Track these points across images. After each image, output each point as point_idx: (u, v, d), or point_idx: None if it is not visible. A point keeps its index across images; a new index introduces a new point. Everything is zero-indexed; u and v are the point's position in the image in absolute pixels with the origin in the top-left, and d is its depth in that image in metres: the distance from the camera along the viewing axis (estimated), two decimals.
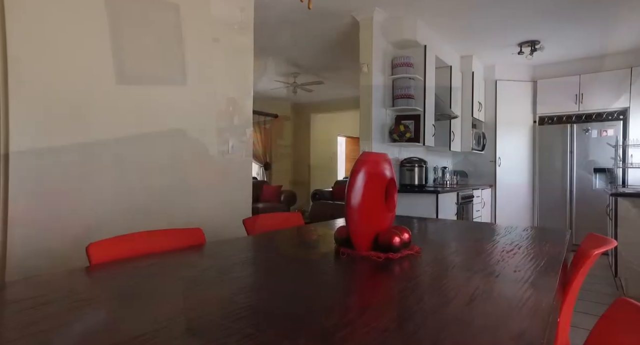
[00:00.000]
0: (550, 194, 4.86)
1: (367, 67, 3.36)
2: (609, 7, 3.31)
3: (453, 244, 1.46)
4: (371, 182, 1.32)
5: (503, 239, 1.52)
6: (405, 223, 1.93)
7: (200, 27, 2.39)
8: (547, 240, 1.54)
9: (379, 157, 1.40)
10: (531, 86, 5.03)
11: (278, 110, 7.62)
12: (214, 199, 2.54)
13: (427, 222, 2.00)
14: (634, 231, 3.02)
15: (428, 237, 1.56)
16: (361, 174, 1.31)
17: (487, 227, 1.89)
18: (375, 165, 1.36)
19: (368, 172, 1.33)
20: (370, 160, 1.35)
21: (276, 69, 5.36)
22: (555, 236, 1.61)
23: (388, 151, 3.65)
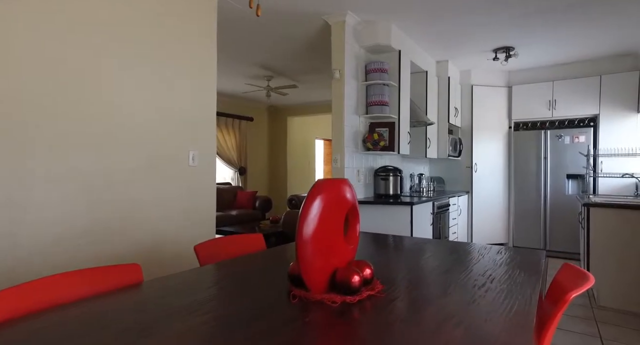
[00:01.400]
0: (526, 199, 4.86)
1: (339, 73, 3.21)
2: (580, 16, 3.29)
3: (420, 275, 1.32)
4: (328, 213, 1.17)
5: (476, 268, 1.40)
6: (372, 246, 1.79)
7: (160, 33, 2.19)
8: (521, 267, 1.42)
9: (337, 184, 1.24)
10: (506, 92, 5.02)
11: (254, 113, 7.41)
12: (173, 214, 2.34)
13: (396, 244, 1.87)
14: (606, 242, 2.99)
15: (393, 268, 1.42)
16: (316, 203, 1.15)
17: (460, 249, 1.77)
18: (333, 193, 1.21)
19: (324, 201, 1.17)
20: (327, 188, 1.19)
21: (249, 72, 5.16)
22: (529, 263, 1.50)
23: (362, 160, 3.53)
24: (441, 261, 1.51)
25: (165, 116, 2.30)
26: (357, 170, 3.42)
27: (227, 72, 5.14)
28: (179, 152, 2.40)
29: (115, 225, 2.03)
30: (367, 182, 3.59)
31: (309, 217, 1.14)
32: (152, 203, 2.22)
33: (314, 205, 1.15)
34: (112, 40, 2.01)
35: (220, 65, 4.80)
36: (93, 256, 1.93)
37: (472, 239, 4.88)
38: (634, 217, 2.89)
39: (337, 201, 1.21)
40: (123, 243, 2.06)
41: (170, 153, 2.33)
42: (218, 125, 6.58)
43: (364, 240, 1.97)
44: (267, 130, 7.80)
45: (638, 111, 4.29)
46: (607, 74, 4.45)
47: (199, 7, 2.49)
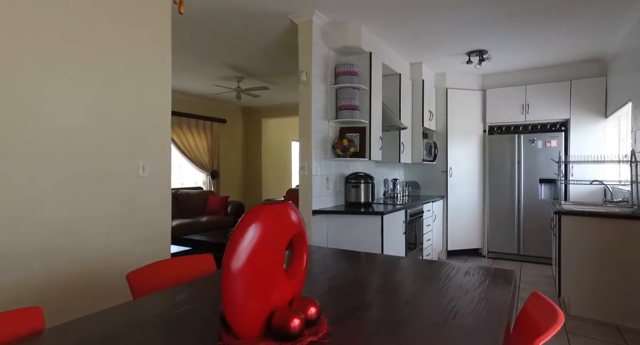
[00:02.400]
0: (500, 204, 4.82)
1: (305, 75, 3.04)
2: (550, 20, 3.24)
3: (377, 310, 1.16)
4: (264, 244, 1.00)
5: (440, 297, 1.26)
6: (329, 269, 1.63)
7: (102, 27, 1.95)
8: (489, 296, 1.29)
9: (277, 209, 1.07)
10: (481, 95, 4.98)
11: (227, 115, 7.16)
12: (117, 231, 2.12)
13: (357, 265, 1.71)
14: (577, 250, 2.94)
15: (347, 301, 1.26)
16: (249, 233, 0.98)
17: (427, 271, 1.63)
18: (271, 220, 1.03)
19: (260, 230, 1.00)
20: (264, 215, 1.01)
21: (218, 73, 4.92)
22: (498, 289, 1.37)
23: (332, 166, 3.37)
24: (404, 289, 1.36)
25: (108, 122, 2.07)
26: (327, 177, 3.26)
27: (197, 73, 4.90)
28: (126, 161, 2.18)
29: (40, 248, 1.79)
30: (337, 190, 3.44)
31: (239, 250, 0.96)
32: (92, 221, 1.99)
33: (246, 236, 0.98)
34: (40, 32, 1.78)
35: (188, 65, 4.55)
36: (6, 288, 1.69)
37: (447, 245, 4.80)
38: (604, 225, 2.85)
39: (277, 230, 1.04)
40: (47, 270, 1.82)
41: (114, 163, 2.11)
42: (188, 127, 6.31)
43: (322, 260, 1.81)
44: (241, 132, 7.56)
45: (606, 116, 4.31)
46: (576, 79, 4.46)
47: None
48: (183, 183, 6.37)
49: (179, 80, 5.25)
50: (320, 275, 1.57)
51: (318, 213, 3.07)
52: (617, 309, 2.79)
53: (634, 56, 3.24)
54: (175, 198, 5.67)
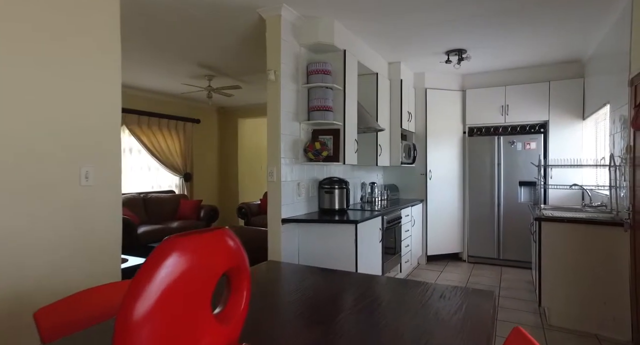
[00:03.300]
0: (480, 207, 4.73)
1: (274, 74, 2.83)
2: (528, 22, 3.13)
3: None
4: (183, 283, 0.79)
5: (409, 332, 1.07)
6: (292, 290, 1.42)
7: (35, 19, 1.69)
8: (464, 328, 1.11)
9: (203, 240, 0.86)
10: (460, 96, 4.87)
11: (201, 115, 6.86)
12: (56, 248, 1.86)
13: (321, 288, 1.52)
14: (557, 258, 2.83)
15: (303, 335, 1.07)
16: (161, 272, 0.76)
17: (401, 295, 1.45)
18: (195, 252, 0.82)
19: (178, 266, 0.79)
20: (183, 248, 0.80)
21: (188, 72, 4.65)
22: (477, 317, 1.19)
23: (304, 171, 3.17)
24: (368, 321, 1.17)
25: (44, 125, 1.81)
26: (298, 183, 3.06)
27: (164, 70, 4.61)
28: (65, 169, 1.92)
29: None
30: (310, 196, 3.24)
31: (145, 294, 0.74)
32: (23, 237, 1.73)
33: (156, 276, 0.76)
34: None
35: (154, 62, 4.26)
36: None
37: (427, 250, 4.67)
38: (585, 232, 2.74)
39: (202, 265, 0.83)
40: None
41: (51, 170, 1.85)
42: (159, 127, 5.99)
43: (286, 280, 1.61)
44: (217, 133, 7.27)
45: (583, 118, 4.26)
46: (555, 80, 4.40)
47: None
48: (154, 186, 6.05)
49: (145, 77, 4.95)
50: (282, 298, 1.36)
51: (288, 222, 2.86)
52: (596, 318, 2.69)
53: (611, 58, 3.16)
54: (144, 202, 5.36)
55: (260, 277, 1.66)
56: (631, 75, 2.59)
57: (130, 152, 5.62)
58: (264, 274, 1.71)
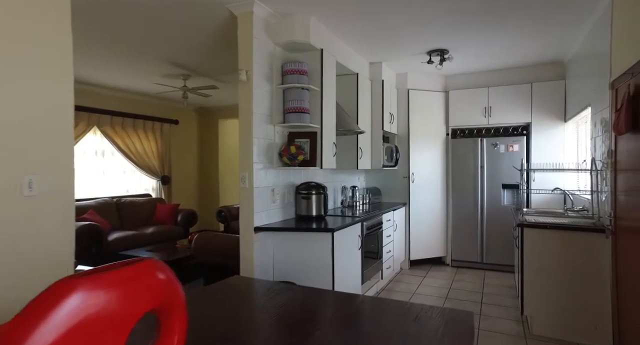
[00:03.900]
0: (463, 210, 4.66)
1: (245, 74, 2.68)
2: (509, 22, 3.07)
3: None
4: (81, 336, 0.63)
5: None
6: (252, 316, 1.27)
7: None
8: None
9: (114, 279, 0.70)
10: (443, 97, 4.79)
11: (180, 116, 6.64)
12: None
13: (281, 315, 1.37)
14: (540, 265, 2.75)
15: None
16: (48, 325, 0.61)
17: (372, 320, 1.32)
18: (98, 296, 0.67)
19: (74, 315, 0.63)
20: (79, 293, 0.65)
21: (162, 71, 4.44)
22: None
23: (280, 176, 3.02)
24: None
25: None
26: (272, 189, 2.91)
27: (138, 70, 4.39)
28: (5, 177, 1.73)
29: None
30: (286, 202, 3.09)
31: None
32: None
33: (45, 326, 0.61)
34: None
35: (126, 61, 4.05)
36: None
37: (409, 255, 4.58)
38: (567, 238, 2.67)
39: (111, 311, 0.68)
40: None
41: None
42: (134, 128, 5.75)
43: (248, 300, 1.45)
44: (196, 134, 7.05)
45: (565, 120, 4.22)
46: (537, 81, 4.35)
47: None
48: (129, 190, 5.81)
49: (118, 77, 4.72)
50: (242, 324, 1.21)
51: (261, 230, 2.71)
52: (578, 327, 2.63)
53: (591, 60, 3.11)
54: (118, 207, 5.13)
55: (223, 297, 1.51)
56: (612, 79, 2.52)
57: (102, 154, 5.38)
58: (228, 293, 1.56)
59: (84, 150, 5.12)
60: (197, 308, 1.37)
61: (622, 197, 2.33)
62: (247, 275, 2.67)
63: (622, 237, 2.32)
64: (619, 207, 2.37)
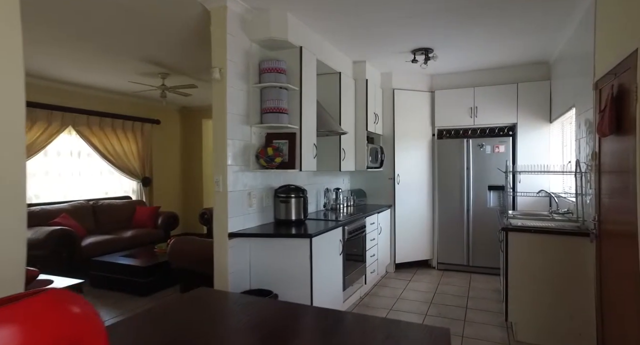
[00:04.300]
0: (449, 212, 4.59)
1: (219, 72, 2.55)
2: (494, 22, 2.99)
3: None
4: None
5: None
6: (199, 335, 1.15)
7: None
8: None
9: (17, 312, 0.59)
10: (429, 97, 4.71)
11: (161, 115, 6.46)
12: None
13: (236, 339, 1.26)
14: (525, 270, 2.68)
15: None
16: None
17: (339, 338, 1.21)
18: None
19: None
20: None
21: (140, 69, 4.28)
22: None
23: (257, 179, 2.90)
24: None
25: None
26: (249, 192, 2.79)
27: (113, 68, 4.22)
28: None
29: None
30: (264, 206, 2.97)
31: None
32: None
33: None
34: None
35: (100, 59, 3.88)
36: None
37: (395, 258, 4.49)
38: (552, 242, 2.61)
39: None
40: None
41: None
42: (113, 129, 5.56)
43: (203, 318, 1.33)
44: (179, 135, 6.88)
45: (550, 121, 4.18)
46: (523, 82, 4.30)
47: None
48: (108, 192, 5.62)
49: (93, 75, 4.54)
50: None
51: (236, 236, 2.59)
52: (563, 333, 2.56)
53: (575, 60, 3.06)
54: (94, 210, 4.94)
55: (177, 316, 1.38)
56: (595, 79, 2.46)
57: (78, 155, 5.17)
58: (185, 310, 1.43)
59: (58, 150, 4.92)
60: (137, 331, 1.24)
61: (606, 200, 2.26)
62: (221, 283, 2.55)
63: (606, 241, 2.26)
64: (603, 210, 2.31)
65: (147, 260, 3.82)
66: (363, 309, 3.33)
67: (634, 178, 1.77)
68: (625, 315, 1.94)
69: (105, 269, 3.79)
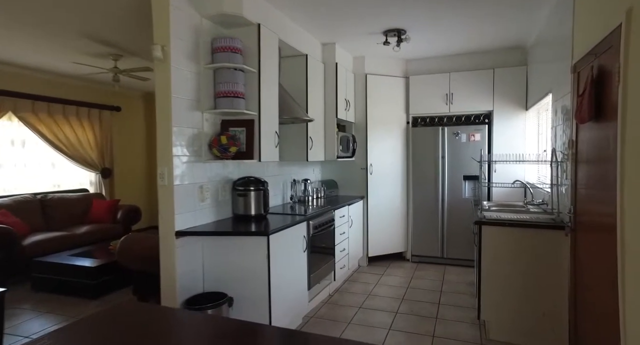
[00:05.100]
0: (424, 203, 4.44)
1: (161, 50, 2.23)
2: (469, 4, 2.77)
3: None
4: None
5: None
6: None
7: None
8: None
9: None
10: (404, 82, 4.50)
11: (122, 102, 6.01)
12: None
13: None
14: (497, 268, 2.54)
15: None
16: None
17: None
18: None
19: None
20: None
21: (89, 50, 3.87)
22: None
23: (211, 170, 2.63)
24: None
25: None
26: (200, 186, 2.51)
27: (55, 46, 3.78)
28: None
29: None
30: (220, 200, 2.71)
31: None
32: None
33: None
34: None
35: (35, 33, 3.44)
36: None
37: (368, 251, 4.32)
38: (526, 236, 2.46)
39: None
40: None
41: None
42: (65, 116, 5.11)
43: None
44: (143, 123, 6.45)
45: (526, 109, 4.05)
46: (499, 67, 4.14)
47: None
48: (60, 185, 5.18)
49: (30, 54, 4.08)
50: None
51: (185, 235, 2.32)
52: (536, 331, 2.44)
53: (553, 45, 2.89)
54: (42, 205, 4.54)
55: (89, 339, 1.12)
56: (574, 61, 2.29)
57: (22, 144, 4.71)
58: (103, 329, 1.17)
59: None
60: None
61: (583, 191, 2.12)
62: (168, 287, 2.29)
63: (582, 234, 2.12)
64: (579, 201, 2.17)
65: (98, 260, 3.50)
66: (331, 307, 3.14)
67: (614, 167, 1.60)
68: (599, 311, 1.81)
69: (50, 270, 3.44)
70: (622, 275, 1.50)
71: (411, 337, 2.61)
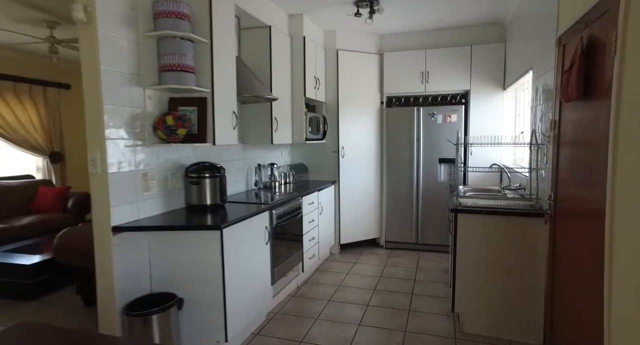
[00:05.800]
0: (398, 187, 4.26)
1: (83, 10, 1.85)
2: None
3: None
4: None
5: None
6: None
7: None
8: None
9: None
10: (378, 59, 4.22)
11: (72, 79, 5.43)
12: None
13: None
14: (473, 257, 2.38)
15: None
16: None
17: None
18: None
19: None
20: None
21: (9, 13, 3.34)
22: None
23: (158, 155, 2.30)
24: None
25: None
26: (144, 173, 2.19)
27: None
28: None
29: None
30: (169, 189, 2.39)
31: None
32: None
33: None
34: None
35: None
36: None
37: (340, 239, 4.13)
38: (503, 224, 2.31)
39: None
40: None
41: None
42: (0, 94, 4.54)
43: None
44: None
45: (504, 88, 3.88)
46: (477, 44, 3.93)
47: None
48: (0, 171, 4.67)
49: None
50: None
51: (124, 230, 2.01)
52: (511, 323, 2.33)
53: (534, 19, 2.68)
54: None
55: None
56: (559, 33, 2.08)
57: None
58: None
59: None
60: None
61: (565, 175, 1.95)
62: (105, 289, 1.99)
63: (562, 222, 1.97)
64: (560, 187, 2.01)
65: (36, 256, 3.13)
66: (298, 301, 2.94)
67: (604, 150, 1.42)
68: (578, 302, 1.67)
69: None
70: (609, 264, 1.34)
71: (382, 332, 2.45)
